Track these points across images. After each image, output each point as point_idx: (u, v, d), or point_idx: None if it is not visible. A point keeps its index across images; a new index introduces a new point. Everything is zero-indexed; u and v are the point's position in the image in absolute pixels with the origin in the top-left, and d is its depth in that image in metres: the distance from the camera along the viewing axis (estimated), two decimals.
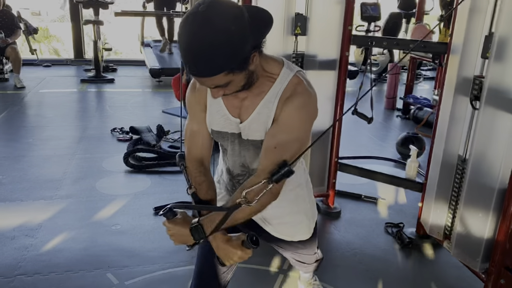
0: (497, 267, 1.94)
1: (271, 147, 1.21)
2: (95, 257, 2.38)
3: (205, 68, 1.06)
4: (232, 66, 1.07)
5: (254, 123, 1.26)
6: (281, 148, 1.20)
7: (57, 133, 4.37)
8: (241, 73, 1.12)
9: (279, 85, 1.22)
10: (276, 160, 1.19)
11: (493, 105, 1.95)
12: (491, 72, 1.93)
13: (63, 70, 7.76)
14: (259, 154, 1.30)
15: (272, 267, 2.33)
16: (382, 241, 2.67)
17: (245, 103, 1.27)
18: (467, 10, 2.08)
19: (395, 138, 4.32)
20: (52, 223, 2.70)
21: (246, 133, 1.29)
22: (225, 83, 1.11)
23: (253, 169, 1.36)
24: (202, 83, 1.15)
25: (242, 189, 1.19)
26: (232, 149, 1.36)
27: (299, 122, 1.22)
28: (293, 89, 1.21)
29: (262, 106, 1.24)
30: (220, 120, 1.32)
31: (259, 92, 1.24)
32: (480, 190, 2.04)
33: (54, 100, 5.72)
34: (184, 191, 3.22)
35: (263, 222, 1.49)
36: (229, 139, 1.34)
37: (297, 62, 2.56)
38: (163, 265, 2.33)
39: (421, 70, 8.15)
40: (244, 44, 1.07)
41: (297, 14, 2.48)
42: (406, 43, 3.01)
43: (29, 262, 2.31)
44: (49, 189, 3.15)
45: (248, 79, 1.16)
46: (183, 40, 1.06)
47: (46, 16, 15.16)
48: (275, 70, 1.24)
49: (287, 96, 1.21)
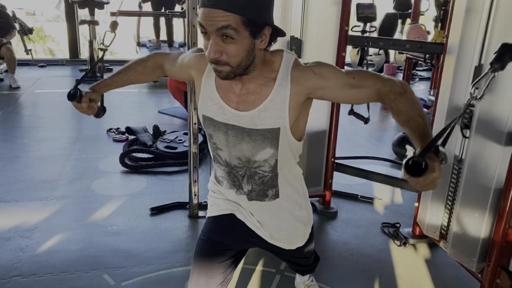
0: (493, 267, 1.94)
1: (353, 82, 1.20)
2: (91, 258, 2.37)
3: (225, 0, 1.05)
4: (248, 15, 1.07)
5: (267, 110, 1.22)
6: (355, 75, 1.21)
7: (53, 134, 4.35)
8: (248, 37, 1.10)
9: (286, 69, 1.22)
10: (367, 76, 1.22)
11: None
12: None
13: (58, 70, 7.72)
14: (265, 145, 1.27)
15: (269, 268, 2.33)
16: (378, 241, 2.68)
17: (248, 96, 1.23)
18: (463, 11, 2.09)
19: (391, 138, 4.32)
20: (47, 224, 2.69)
21: (254, 122, 1.24)
22: (232, 27, 1.06)
23: (254, 161, 1.31)
24: (210, 20, 1.07)
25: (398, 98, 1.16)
26: (226, 140, 1.30)
27: (333, 67, 1.24)
28: (300, 69, 1.22)
29: (275, 93, 1.21)
30: (213, 107, 1.28)
31: (264, 82, 1.22)
32: (476, 190, 2.05)
33: (49, 100, 5.70)
34: (180, 192, 3.23)
35: (258, 229, 1.46)
36: (221, 130, 1.29)
37: None
38: (160, 266, 2.33)
39: (417, 70, 8.17)
40: (266, 7, 1.11)
41: (292, 38, 2.48)
42: (403, 43, 3.02)
43: (24, 263, 2.30)
44: (44, 190, 3.13)
45: (247, 57, 1.13)
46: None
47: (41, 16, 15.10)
48: (277, 58, 1.24)
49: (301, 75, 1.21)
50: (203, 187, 1.71)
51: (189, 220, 2.82)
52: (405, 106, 1.16)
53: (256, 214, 1.44)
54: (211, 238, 1.48)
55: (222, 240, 1.47)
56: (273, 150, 1.28)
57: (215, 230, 1.49)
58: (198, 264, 1.46)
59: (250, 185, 1.37)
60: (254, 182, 1.35)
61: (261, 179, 1.34)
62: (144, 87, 6.75)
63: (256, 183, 1.35)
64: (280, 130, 1.24)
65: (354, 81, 1.20)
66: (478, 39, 2.01)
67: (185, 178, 3.14)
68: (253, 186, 1.36)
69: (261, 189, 1.37)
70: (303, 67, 1.23)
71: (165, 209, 2.92)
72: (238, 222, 1.45)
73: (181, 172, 3.54)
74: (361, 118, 2.93)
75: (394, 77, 1.23)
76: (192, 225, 2.76)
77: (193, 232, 2.68)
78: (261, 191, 1.37)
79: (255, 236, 1.47)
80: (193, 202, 2.83)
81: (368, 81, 1.21)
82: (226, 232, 1.48)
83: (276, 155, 1.29)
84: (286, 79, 1.21)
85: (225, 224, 1.47)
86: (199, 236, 1.53)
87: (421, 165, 0.91)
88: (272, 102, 1.21)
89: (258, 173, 1.33)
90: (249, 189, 1.38)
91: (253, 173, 1.34)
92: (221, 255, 1.46)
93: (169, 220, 2.81)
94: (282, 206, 1.41)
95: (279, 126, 1.23)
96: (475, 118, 2.00)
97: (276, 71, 1.22)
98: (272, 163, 1.31)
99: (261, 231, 1.46)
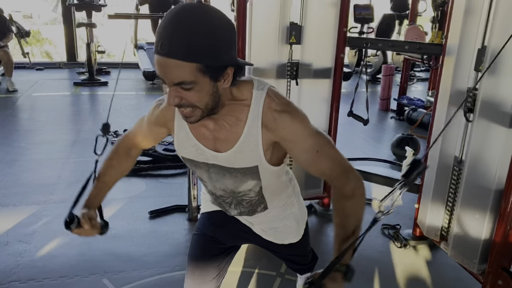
0: (494, 268, 1.94)
1: (314, 155, 1.16)
2: (90, 262, 2.36)
3: (179, 48, 0.94)
4: (206, 62, 0.97)
5: (241, 152, 1.19)
6: (320, 148, 1.17)
7: (50, 137, 4.33)
8: (209, 82, 1.01)
9: (256, 109, 1.15)
10: (329, 156, 1.18)
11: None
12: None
13: (56, 73, 7.70)
14: (247, 179, 1.25)
15: (269, 271, 2.32)
16: (379, 242, 2.67)
17: (221, 135, 1.19)
18: (462, 12, 2.08)
19: (390, 139, 4.33)
20: (46, 228, 2.67)
21: (232, 161, 1.21)
22: (189, 81, 0.98)
23: (239, 191, 1.30)
24: (165, 71, 0.98)
25: (344, 201, 1.15)
26: (209, 177, 1.30)
27: (304, 126, 1.16)
28: (272, 111, 1.14)
29: (247, 134, 1.16)
30: (191, 149, 1.25)
31: (235, 120, 1.16)
32: (476, 191, 2.04)
33: (47, 103, 5.67)
34: (179, 195, 3.22)
35: (252, 225, 1.48)
36: (202, 168, 1.28)
37: (292, 71, 2.56)
38: (159, 269, 2.31)
39: (415, 71, 8.18)
40: (226, 47, 1.00)
41: (291, 23, 2.48)
42: (401, 44, 3.02)
43: (23, 268, 2.28)
44: (42, 194, 3.12)
45: (213, 100, 1.05)
46: (166, 18, 0.96)
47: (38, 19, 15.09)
48: (246, 94, 1.15)
49: (273, 120, 1.14)
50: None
51: (188, 223, 2.81)
52: (344, 211, 1.15)
53: (247, 220, 1.46)
54: (205, 233, 1.50)
55: (215, 235, 1.49)
56: (256, 181, 1.27)
57: (209, 226, 1.51)
58: (193, 258, 1.48)
59: (239, 209, 1.39)
60: (242, 206, 1.37)
61: (249, 203, 1.36)
62: (141, 90, 6.74)
63: (244, 207, 1.37)
64: (258, 167, 1.22)
65: (316, 155, 1.17)
66: (477, 40, 2.01)
67: (184, 181, 3.13)
68: (241, 209, 1.39)
69: (250, 209, 1.38)
70: (275, 114, 1.14)
71: (164, 212, 2.91)
72: (231, 218, 1.46)
73: (180, 175, 3.53)
74: (360, 120, 2.93)
75: (353, 173, 1.16)
76: (191, 229, 2.75)
77: None
78: (250, 211, 1.39)
79: (248, 232, 1.48)
80: (192, 205, 2.81)
81: (325, 164, 1.18)
82: (219, 228, 1.49)
83: (260, 184, 1.29)
84: (257, 119, 1.15)
85: (219, 219, 1.49)
86: (193, 232, 1.54)
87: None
88: (245, 143, 1.18)
89: (245, 199, 1.35)
90: (238, 212, 1.40)
91: (240, 201, 1.35)
92: (215, 250, 1.48)
93: (168, 224, 2.79)
94: (273, 213, 1.42)
95: (256, 164, 1.21)
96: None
97: (247, 107, 1.15)
98: (257, 190, 1.31)
99: (255, 228, 1.48)
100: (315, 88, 2.66)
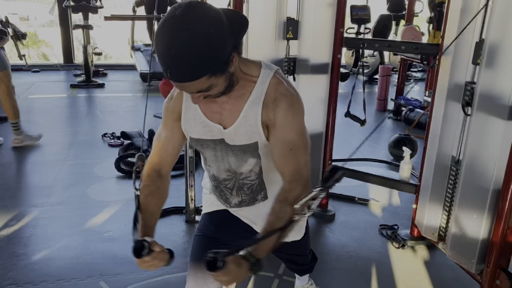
0: (492, 268, 1.94)
1: (287, 150, 1.20)
2: (87, 265, 2.34)
3: (187, 72, 1.03)
4: (214, 68, 1.05)
5: (241, 127, 1.24)
6: (295, 147, 1.20)
7: (47, 139, 4.31)
8: (223, 75, 1.10)
9: (261, 86, 1.21)
10: (297, 160, 1.20)
11: (485, 109, 1.96)
12: (482, 78, 1.94)
13: (53, 75, 7.68)
14: (247, 157, 1.29)
15: (268, 272, 2.31)
16: (377, 243, 2.66)
17: (226, 108, 1.24)
18: (459, 11, 2.08)
19: (387, 140, 4.33)
20: (42, 231, 2.66)
21: (232, 139, 1.27)
22: (207, 87, 1.09)
23: (240, 172, 1.34)
24: (184, 89, 1.11)
25: (284, 204, 1.15)
26: (215, 155, 1.33)
27: (296, 119, 1.22)
28: (276, 91, 1.21)
29: (248, 110, 1.22)
30: (198, 127, 1.29)
31: (240, 95, 1.22)
32: (474, 191, 2.04)
33: (43, 105, 5.65)
34: (176, 196, 3.21)
35: (254, 224, 1.48)
36: (209, 146, 1.32)
37: (289, 66, 2.55)
38: (157, 272, 2.30)
39: (412, 71, 8.19)
40: (224, 46, 1.05)
41: (288, 19, 2.47)
42: (398, 45, 3.02)
43: (19, 271, 2.27)
44: (39, 196, 3.10)
45: (230, 82, 1.14)
46: (162, 45, 1.02)
47: (35, 21, 15.03)
48: (254, 71, 1.23)
49: (272, 100, 1.20)
50: (200, 192, 1.69)
51: (186, 225, 2.80)
52: (278, 213, 1.16)
53: (248, 216, 1.46)
54: (207, 234, 1.50)
55: (217, 235, 1.48)
56: (256, 159, 1.31)
57: (210, 226, 1.51)
58: (195, 260, 1.47)
59: (240, 196, 1.39)
60: (244, 193, 1.38)
61: (250, 188, 1.37)
62: (139, 91, 6.72)
63: (245, 193, 1.39)
64: (257, 143, 1.26)
65: (287, 152, 1.20)
66: (474, 40, 2.01)
67: (182, 182, 3.12)
68: (242, 197, 1.39)
69: (251, 197, 1.40)
70: (278, 94, 1.21)
71: (161, 214, 2.86)
72: (233, 217, 1.47)
73: (177, 176, 3.51)
74: (357, 120, 2.92)
75: (305, 185, 1.19)
76: (189, 230, 2.74)
77: (190, 237, 2.65)
78: (251, 199, 1.40)
79: (251, 231, 1.47)
80: (190, 207, 2.81)
81: (290, 164, 1.21)
82: (221, 228, 1.49)
83: (260, 163, 1.32)
84: (260, 96, 1.21)
85: (220, 220, 1.49)
86: (194, 233, 1.54)
87: (215, 263, 1.00)
88: (245, 118, 1.23)
89: (246, 184, 1.36)
90: (239, 201, 1.40)
91: (241, 185, 1.37)
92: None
93: (165, 226, 2.78)
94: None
95: (256, 140, 1.26)
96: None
97: (253, 83, 1.22)
98: (257, 171, 1.34)
99: (257, 226, 1.47)
100: (312, 84, 2.64)
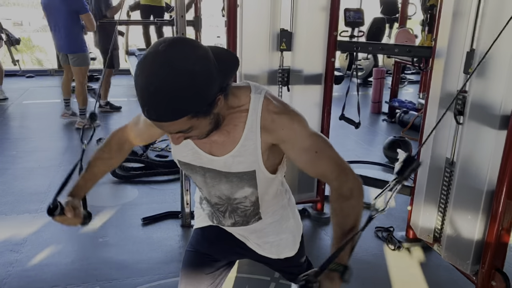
0: (487, 269, 1.95)
1: (313, 156, 1.16)
2: (82, 271, 2.33)
3: (165, 111, 0.96)
4: (195, 109, 0.98)
5: (240, 156, 1.19)
6: (319, 149, 1.17)
7: (42, 145, 4.30)
8: (206, 117, 1.02)
9: (254, 113, 1.15)
10: (329, 157, 1.17)
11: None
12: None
13: (47, 80, 7.66)
14: (243, 185, 1.25)
15: (264, 276, 2.31)
16: (372, 245, 2.67)
17: (218, 141, 1.19)
18: (451, 15, 2.10)
19: (382, 142, 4.34)
20: (37, 237, 2.64)
21: (228, 166, 1.21)
22: (187, 128, 1.01)
23: (234, 198, 1.29)
24: (162, 128, 1.02)
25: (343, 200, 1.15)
26: (204, 182, 1.29)
27: (303, 127, 1.18)
28: (270, 112, 1.15)
29: (246, 139, 1.17)
30: (187, 153, 1.24)
31: (233, 127, 1.16)
32: (468, 192, 2.05)
33: (38, 111, 5.63)
34: (172, 201, 3.21)
35: (247, 240, 1.44)
36: (199, 172, 1.27)
37: (283, 77, 2.56)
38: (153, 277, 2.30)
39: (405, 74, 8.24)
40: (208, 86, 0.98)
41: (282, 30, 2.48)
42: (391, 48, 3.04)
43: (14, 278, 2.25)
44: (34, 202, 3.08)
45: (214, 124, 1.07)
46: (141, 81, 0.95)
47: (29, 26, 15.00)
48: (243, 99, 1.16)
49: (270, 122, 1.15)
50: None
51: (181, 229, 2.79)
52: (342, 212, 1.15)
53: (241, 233, 1.43)
54: (198, 250, 1.47)
55: (209, 251, 1.45)
56: (252, 189, 1.27)
57: (202, 242, 1.47)
58: (186, 276, 1.45)
59: (233, 218, 1.36)
60: (237, 215, 1.35)
61: (244, 212, 1.34)
62: (133, 96, 6.69)
63: (239, 216, 1.35)
64: (255, 171, 1.22)
65: (315, 156, 1.17)
66: (466, 42, 2.03)
67: (177, 187, 3.11)
68: (236, 219, 1.36)
69: (244, 220, 1.36)
70: (274, 115, 1.16)
71: (157, 219, 2.89)
72: (226, 233, 1.43)
73: (173, 181, 3.51)
74: (351, 123, 2.93)
75: (351, 174, 1.17)
76: (185, 235, 2.73)
77: (186, 241, 2.65)
78: (244, 222, 1.37)
79: (243, 247, 1.45)
80: (186, 211, 2.80)
81: (324, 165, 1.18)
82: (213, 244, 1.46)
83: (256, 193, 1.28)
84: (256, 122, 1.16)
85: (212, 235, 1.45)
86: (186, 248, 1.51)
87: (310, 286, 0.93)
88: (243, 147, 1.18)
89: (240, 208, 1.33)
90: (232, 222, 1.37)
91: (235, 208, 1.33)
92: (209, 267, 1.44)
93: (161, 230, 2.78)
94: (267, 223, 1.39)
95: (254, 169, 1.21)
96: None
97: (245, 112, 1.16)
98: (253, 200, 1.30)
99: (250, 243, 1.45)
100: (306, 94, 2.67)
